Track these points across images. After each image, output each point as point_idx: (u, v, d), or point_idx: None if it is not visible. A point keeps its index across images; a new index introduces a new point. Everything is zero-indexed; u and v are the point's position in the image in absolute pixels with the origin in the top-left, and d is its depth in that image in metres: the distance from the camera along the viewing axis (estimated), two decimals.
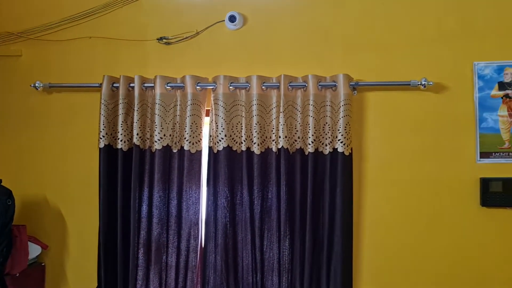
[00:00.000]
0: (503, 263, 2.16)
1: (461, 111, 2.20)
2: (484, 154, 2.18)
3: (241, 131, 2.23)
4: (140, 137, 2.26)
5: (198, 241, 2.26)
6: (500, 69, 2.19)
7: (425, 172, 2.21)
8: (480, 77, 2.20)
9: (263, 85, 2.21)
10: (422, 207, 2.21)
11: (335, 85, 2.17)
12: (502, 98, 2.18)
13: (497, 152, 2.18)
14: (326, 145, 2.19)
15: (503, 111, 2.18)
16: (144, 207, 2.25)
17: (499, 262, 2.16)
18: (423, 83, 2.15)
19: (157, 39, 2.39)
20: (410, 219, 2.22)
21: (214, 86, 2.23)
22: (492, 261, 2.16)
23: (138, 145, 2.25)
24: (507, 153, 2.17)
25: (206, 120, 2.32)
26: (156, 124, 2.25)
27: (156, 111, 2.25)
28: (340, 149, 2.15)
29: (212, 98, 2.24)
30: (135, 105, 2.26)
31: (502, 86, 2.19)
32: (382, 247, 2.24)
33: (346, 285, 2.15)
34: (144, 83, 2.28)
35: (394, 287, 2.23)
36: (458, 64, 2.22)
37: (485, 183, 2.15)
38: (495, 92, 2.19)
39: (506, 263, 2.15)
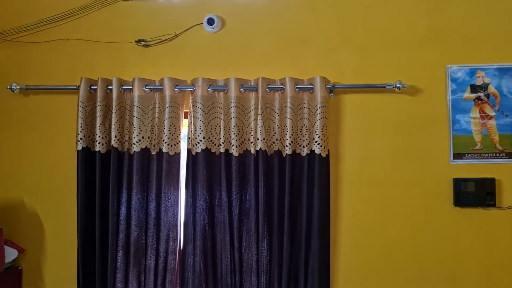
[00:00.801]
0: (476, 261, 2.21)
1: (435, 113, 2.25)
2: (457, 155, 2.24)
3: (219, 133, 2.25)
4: (118, 140, 2.25)
5: (176, 243, 2.26)
6: (472, 72, 2.25)
7: (400, 173, 2.26)
8: (453, 80, 2.26)
9: (241, 88, 2.23)
10: (397, 207, 2.26)
11: (312, 88, 2.20)
12: (474, 100, 2.24)
13: (470, 153, 2.23)
14: (303, 147, 2.22)
15: (475, 113, 2.24)
16: (123, 210, 2.25)
17: (471, 260, 2.22)
18: (398, 85, 2.20)
19: (136, 42, 2.39)
20: (386, 219, 2.26)
21: (193, 88, 2.24)
22: (465, 259, 2.22)
23: (116, 148, 2.25)
24: (479, 154, 2.23)
25: (184, 123, 2.33)
26: (134, 126, 2.25)
27: (135, 114, 2.25)
28: (317, 151, 2.18)
29: (190, 101, 2.25)
30: (113, 107, 2.25)
31: (474, 88, 2.24)
32: (359, 247, 2.28)
33: (323, 285, 2.18)
34: (122, 86, 2.28)
35: (371, 286, 2.26)
36: (432, 67, 2.27)
37: (458, 183, 2.20)
38: (467, 94, 2.25)
39: (478, 262, 2.21)
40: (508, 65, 2.23)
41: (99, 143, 2.26)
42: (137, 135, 2.25)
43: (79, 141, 2.26)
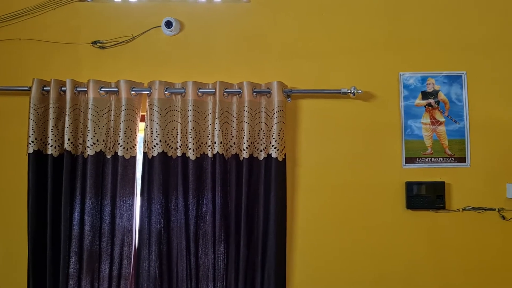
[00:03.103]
0: (427, 262, 2.28)
1: (388, 118, 2.32)
2: (409, 160, 2.31)
3: (176, 136, 2.23)
4: (71, 143, 2.20)
5: (131, 248, 2.22)
6: (423, 79, 2.33)
7: (355, 177, 2.30)
8: (405, 86, 2.33)
9: (199, 91, 2.22)
10: (352, 210, 2.30)
11: (269, 92, 2.22)
12: (425, 106, 2.32)
13: (421, 158, 2.31)
14: (260, 151, 2.23)
15: (426, 118, 2.31)
16: (76, 214, 2.19)
17: (423, 261, 2.28)
18: (352, 91, 2.25)
19: (91, 43, 2.35)
20: (341, 222, 2.30)
21: (150, 91, 2.22)
22: (417, 260, 2.28)
23: (70, 151, 2.19)
24: (429, 159, 2.30)
25: (141, 126, 2.29)
26: (88, 129, 2.20)
27: (89, 116, 2.21)
28: (274, 155, 2.19)
29: (147, 103, 2.23)
30: (67, 109, 2.20)
31: (425, 95, 2.32)
32: (315, 250, 2.30)
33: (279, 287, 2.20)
34: (76, 87, 2.23)
35: None
36: (385, 74, 2.34)
37: (410, 187, 2.27)
38: (419, 101, 2.33)
39: (430, 262, 2.28)
40: (456, 73, 2.32)
41: (51, 146, 2.19)
42: (91, 138, 2.20)
43: (30, 143, 2.19)
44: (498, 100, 2.31)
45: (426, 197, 2.26)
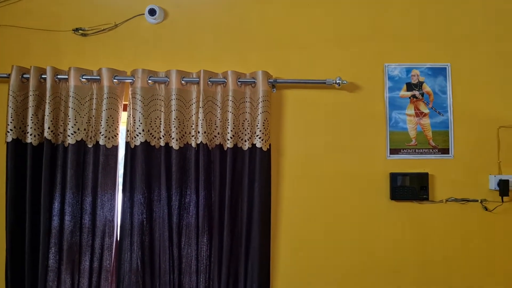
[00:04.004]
0: (411, 252, 2.29)
1: (373, 109, 2.31)
2: (393, 151, 2.31)
3: (159, 126, 2.20)
4: (52, 131, 2.15)
5: (113, 239, 2.18)
6: (408, 71, 2.33)
7: (339, 167, 2.30)
8: (390, 78, 2.33)
9: (182, 80, 2.19)
10: (336, 201, 2.29)
11: (254, 82, 2.20)
12: (409, 98, 2.32)
13: (405, 149, 2.31)
14: (245, 141, 2.21)
15: (410, 110, 2.32)
16: (56, 205, 2.14)
17: (407, 251, 2.29)
18: (337, 81, 2.24)
19: (73, 30, 2.30)
20: (326, 213, 2.29)
21: (132, 79, 2.18)
22: (400, 251, 2.29)
23: (50, 140, 2.14)
24: (414, 150, 2.31)
25: (124, 115, 2.26)
26: (69, 117, 2.16)
27: (70, 104, 2.16)
28: (258, 145, 2.18)
29: (130, 92, 2.19)
30: (47, 97, 2.15)
31: (409, 86, 2.33)
32: (299, 240, 2.29)
33: (263, 279, 2.18)
34: (57, 75, 2.18)
35: (311, 280, 2.29)
36: (371, 65, 2.34)
37: (394, 177, 2.27)
38: (403, 92, 2.33)
39: (413, 252, 2.29)
40: (441, 65, 2.33)
41: (30, 134, 2.14)
42: (72, 127, 2.16)
43: (8, 132, 2.14)
44: (482, 92, 2.33)
45: (410, 188, 2.27)
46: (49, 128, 2.14)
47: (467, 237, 2.28)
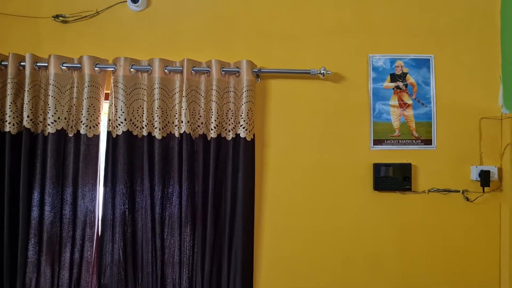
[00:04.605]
0: (393, 242, 2.30)
1: (357, 100, 2.32)
2: (377, 141, 2.32)
3: (142, 115, 2.17)
4: (31, 120, 2.10)
5: (94, 230, 2.15)
6: (392, 62, 2.34)
7: (323, 158, 2.30)
8: (374, 68, 2.33)
9: (165, 69, 2.16)
10: (320, 191, 2.29)
11: (238, 71, 2.19)
12: (393, 89, 2.33)
13: (389, 140, 2.32)
14: (229, 131, 2.19)
15: (394, 101, 2.33)
16: (36, 195, 2.10)
17: (389, 241, 2.30)
18: (322, 72, 2.24)
19: (53, 17, 2.25)
20: (309, 203, 2.29)
21: (114, 68, 2.15)
22: (383, 240, 2.30)
23: (29, 128, 2.10)
24: (397, 141, 2.32)
25: (105, 104, 2.22)
26: (49, 106, 2.11)
27: (50, 92, 2.11)
28: (242, 135, 2.16)
29: (112, 81, 2.16)
30: (26, 85, 2.10)
31: (393, 77, 2.33)
32: (283, 230, 2.29)
33: (247, 269, 2.18)
34: (37, 62, 2.13)
35: (294, 270, 2.29)
36: (355, 56, 2.33)
37: (378, 168, 2.28)
38: (387, 83, 2.33)
39: (395, 242, 2.30)
40: (424, 56, 2.34)
41: (9, 123, 2.09)
42: (52, 116, 2.11)
43: None
44: (464, 84, 2.35)
45: (393, 178, 2.28)
46: (28, 116, 2.09)
47: (448, 227, 2.31)
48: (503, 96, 2.33)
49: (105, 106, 2.22)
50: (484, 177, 2.24)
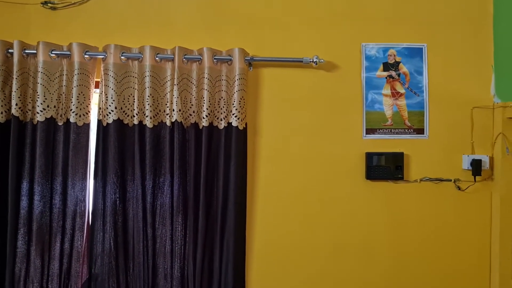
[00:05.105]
0: (384, 231, 2.31)
1: (350, 89, 2.31)
2: (369, 131, 2.31)
3: (133, 103, 2.14)
4: (20, 108, 2.07)
5: (84, 220, 2.13)
6: (385, 51, 2.33)
7: (315, 147, 2.29)
8: (367, 57, 2.32)
9: (157, 57, 2.13)
10: (313, 180, 2.29)
11: (230, 59, 2.16)
12: (386, 78, 2.32)
13: (381, 129, 2.31)
14: (221, 120, 2.18)
15: (387, 90, 2.32)
16: (25, 184, 2.07)
17: (381, 230, 2.31)
18: (314, 60, 2.22)
19: (41, 3, 2.21)
20: (302, 192, 2.29)
21: (104, 55, 2.12)
22: (375, 229, 2.30)
23: (18, 117, 2.06)
24: (389, 130, 2.32)
25: (96, 93, 2.19)
26: (38, 94, 2.08)
27: (39, 80, 2.08)
28: (234, 123, 2.15)
29: (102, 68, 2.12)
30: (14, 72, 2.06)
31: (386, 66, 2.33)
32: (275, 220, 2.28)
33: (239, 258, 2.17)
34: (25, 49, 2.09)
35: (286, 259, 2.29)
36: (348, 45, 2.32)
37: (370, 157, 2.27)
38: (380, 72, 2.33)
39: (386, 231, 2.31)
40: (417, 45, 2.34)
41: None
42: (41, 104, 2.08)
43: None
44: (456, 73, 2.34)
45: (385, 167, 2.28)
46: (16, 104, 2.05)
47: (440, 216, 2.31)
48: (495, 85, 2.33)
49: (95, 95, 2.19)
50: (476, 166, 2.25)
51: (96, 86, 2.20)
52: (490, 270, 2.31)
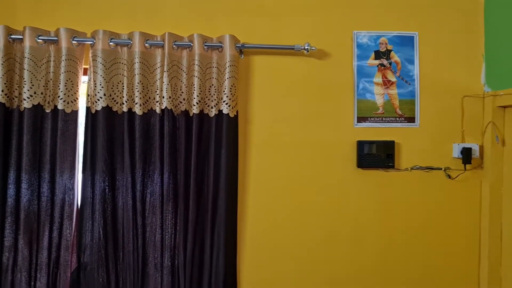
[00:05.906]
0: (375, 219, 2.31)
1: (341, 77, 2.30)
2: (361, 119, 2.31)
3: (122, 91, 2.11)
4: (6, 95, 2.02)
5: (73, 208, 2.10)
6: (376, 39, 2.32)
7: (307, 135, 2.28)
8: (359, 45, 2.31)
9: (146, 43, 2.10)
10: (304, 169, 2.28)
11: (221, 46, 2.14)
12: (377, 66, 2.32)
13: (372, 117, 2.31)
14: (211, 107, 2.15)
15: (378, 78, 2.32)
16: (12, 173, 2.04)
17: (371, 218, 2.31)
18: (306, 47, 2.21)
19: None
20: (293, 180, 2.28)
21: (93, 41, 2.08)
22: (365, 217, 2.31)
23: (4, 103, 2.02)
24: (381, 118, 2.31)
25: (84, 79, 2.15)
26: (25, 80, 2.04)
27: (25, 66, 2.04)
28: (225, 111, 2.13)
29: (90, 55, 2.09)
30: (0, 58, 2.01)
31: (377, 55, 2.32)
32: (267, 208, 2.28)
33: (229, 247, 2.16)
34: (11, 35, 2.04)
35: (278, 247, 2.28)
36: (340, 32, 2.31)
37: (361, 145, 2.27)
38: (371, 60, 2.32)
39: (377, 220, 2.31)
40: (409, 33, 2.33)
41: None
42: (28, 90, 2.04)
43: None
44: (447, 62, 2.34)
45: (376, 156, 2.28)
46: (2, 91, 2.01)
47: (430, 205, 2.32)
48: (485, 74, 2.34)
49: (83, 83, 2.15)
50: (466, 155, 2.26)
51: (85, 73, 2.16)
52: (480, 258, 2.33)
